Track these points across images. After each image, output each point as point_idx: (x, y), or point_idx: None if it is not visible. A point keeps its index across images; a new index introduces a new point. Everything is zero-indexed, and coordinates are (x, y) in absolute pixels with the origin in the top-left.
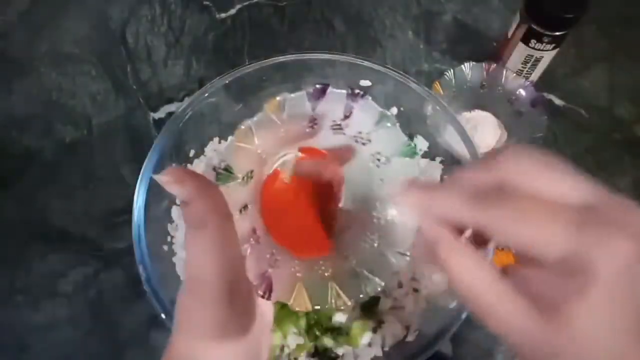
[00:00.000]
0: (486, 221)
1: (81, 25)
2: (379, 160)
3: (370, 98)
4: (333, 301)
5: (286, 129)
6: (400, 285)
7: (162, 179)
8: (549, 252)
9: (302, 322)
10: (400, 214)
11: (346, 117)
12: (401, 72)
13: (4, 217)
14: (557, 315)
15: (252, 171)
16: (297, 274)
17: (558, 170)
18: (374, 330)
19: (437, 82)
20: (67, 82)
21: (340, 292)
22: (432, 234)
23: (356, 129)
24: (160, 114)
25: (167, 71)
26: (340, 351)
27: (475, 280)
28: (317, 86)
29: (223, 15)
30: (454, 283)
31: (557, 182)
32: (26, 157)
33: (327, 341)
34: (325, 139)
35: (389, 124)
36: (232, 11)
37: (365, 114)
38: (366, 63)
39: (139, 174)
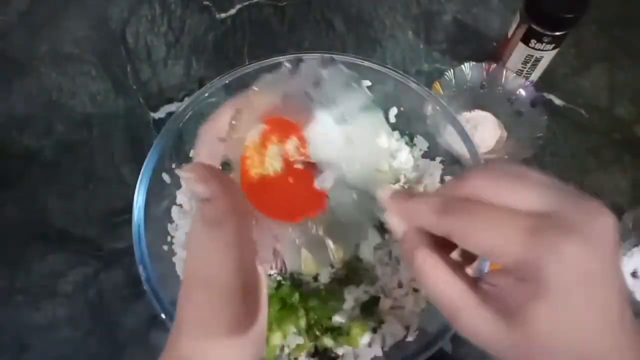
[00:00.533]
0: (449, 229)
1: (81, 25)
2: (344, 119)
3: (340, 64)
4: (333, 256)
5: (262, 110)
6: (400, 285)
7: (186, 175)
8: (505, 258)
9: (302, 322)
10: (390, 219)
11: (315, 85)
12: (401, 72)
13: (4, 217)
14: (515, 319)
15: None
16: (297, 240)
17: (520, 179)
18: (374, 330)
19: (437, 82)
20: (67, 82)
21: (337, 246)
22: (409, 242)
23: (323, 93)
24: (160, 114)
25: (167, 71)
26: (340, 351)
27: (446, 290)
28: (291, 59)
29: (223, 15)
30: (426, 289)
31: (517, 191)
32: (26, 157)
33: (327, 341)
34: (289, 105)
35: (354, 85)
36: (232, 11)
37: (333, 80)
38: (366, 63)
39: (139, 174)
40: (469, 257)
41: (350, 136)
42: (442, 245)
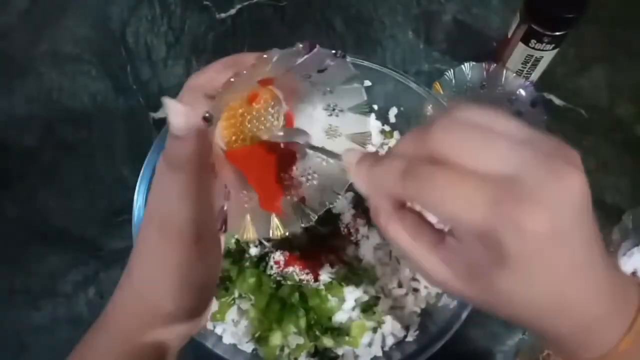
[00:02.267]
0: (413, 195)
1: (81, 25)
2: (333, 110)
3: (348, 59)
4: (272, 232)
5: (261, 77)
6: (400, 285)
7: (171, 104)
8: (466, 228)
9: (302, 322)
10: (357, 184)
11: (320, 71)
12: (401, 72)
13: (4, 217)
14: (477, 283)
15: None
16: (245, 205)
17: (489, 134)
18: (374, 330)
19: (437, 82)
20: (67, 82)
21: (279, 224)
22: (373, 205)
23: (323, 79)
24: (160, 114)
25: (167, 71)
26: (340, 351)
27: (411, 250)
28: (306, 43)
29: (223, 15)
30: (394, 247)
31: (485, 152)
32: (26, 157)
33: (327, 341)
34: (287, 81)
35: (355, 84)
36: (232, 11)
37: (337, 71)
38: (366, 63)
39: (139, 174)
40: None
41: (331, 128)
42: None
